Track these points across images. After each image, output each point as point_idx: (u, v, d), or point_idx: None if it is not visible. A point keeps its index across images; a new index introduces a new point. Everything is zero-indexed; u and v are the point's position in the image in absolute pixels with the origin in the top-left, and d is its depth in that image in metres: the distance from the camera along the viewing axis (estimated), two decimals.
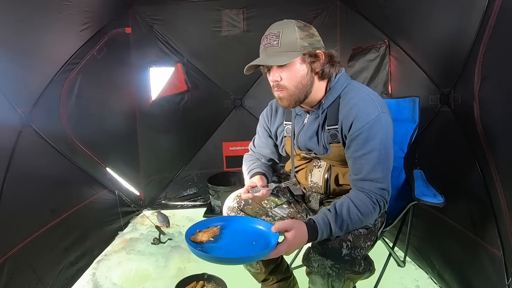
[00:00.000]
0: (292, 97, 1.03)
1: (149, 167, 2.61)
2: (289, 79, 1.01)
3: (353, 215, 0.94)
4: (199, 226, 1.02)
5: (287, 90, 1.02)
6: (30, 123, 1.51)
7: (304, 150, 1.17)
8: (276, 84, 1.03)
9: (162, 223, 2.17)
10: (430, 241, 1.65)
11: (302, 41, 0.99)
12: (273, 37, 0.99)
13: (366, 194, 0.98)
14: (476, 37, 1.17)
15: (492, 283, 1.20)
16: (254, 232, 1.01)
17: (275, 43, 0.98)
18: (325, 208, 0.97)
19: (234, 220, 1.10)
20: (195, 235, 0.97)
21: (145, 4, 2.39)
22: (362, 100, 1.01)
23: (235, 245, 0.96)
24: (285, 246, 0.88)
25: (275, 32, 0.99)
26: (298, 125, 1.16)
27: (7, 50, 1.33)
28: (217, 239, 0.98)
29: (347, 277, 0.95)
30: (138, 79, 2.49)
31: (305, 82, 1.03)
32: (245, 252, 0.92)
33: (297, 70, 1.01)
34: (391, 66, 1.94)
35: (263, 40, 1.02)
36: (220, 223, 1.05)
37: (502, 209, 1.10)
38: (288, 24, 1.00)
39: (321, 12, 2.35)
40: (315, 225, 0.92)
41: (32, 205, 1.45)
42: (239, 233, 1.02)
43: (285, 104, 1.06)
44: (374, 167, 0.98)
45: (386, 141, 1.00)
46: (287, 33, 0.98)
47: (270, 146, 1.29)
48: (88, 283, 1.68)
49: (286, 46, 0.98)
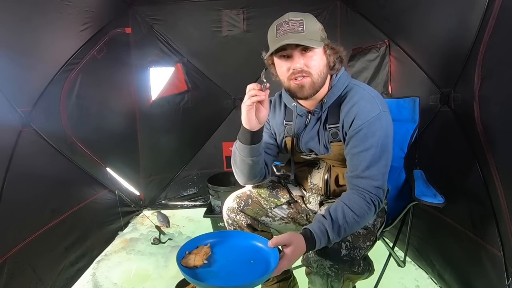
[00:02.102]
0: (315, 84, 1.00)
1: (149, 167, 2.61)
2: (313, 65, 0.98)
3: (349, 219, 0.93)
4: (187, 247, 0.93)
5: (311, 76, 0.99)
6: (30, 123, 1.51)
7: (305, 151, 1.16)
8: (300, 70, 0.98)
9: (162, 223, 2.17)
10: (430, 241, 1.65)
11: (322, 32, 1.00)
12: (296, 23, 0.96)
13: (359, 193, 0.97)
14: (476, 37, 1.17)
15: (492, 283, 1.20)
16: (249, 249, 0.95)
17: (300, 29, 0.95)
18: (320, 215, 0.95)
19: (224, 236, 1.02)
20: (186, 259, 0.89)
21: (145, 4, 2.38)
22: (363, 98, 1.01)
23: (232, 267, 0.89)
24: (286, 262, 0.85)
25: (298, 19, 0.96)
26: (300, 126, 1.14)
27: (7, 50, 1.34)
28: (212, 261, 0.90)
29: (346, 277, 0.95)
30: (138, 79, 2.49)
31: (325, 73, 1.02)
32: (248, 276, 0.84)
33: (320, 58, 0.99)
34: (391, 66, 1.94)
35: (280, 26, 0.97)
36: (209, 240, 0.97)
37: (502, 209, 1.10)
38: (307, 14, 1.00)
39: (321, 12, 2.35)
40: (312, 235, 0.90)
41: (32, 205, 1.45)
42: (233, 251, 0.95)
43: (307, 93, 1.00)
44: (370, 164, 0.97)
45: (385, 139, 0.99)
46: (310, 22, 0.97)
47: (268, 133, 1.24)
48: (88, 283, 1.68)
49: (311, 34, 0.96)
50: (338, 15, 2.35)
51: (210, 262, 0.90)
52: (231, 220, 1.21)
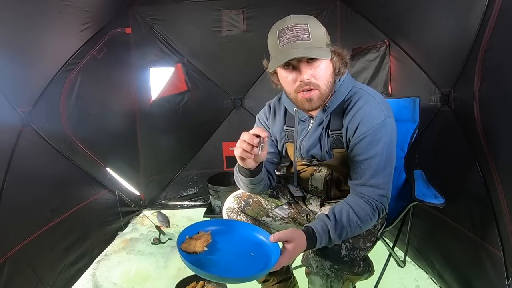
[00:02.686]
0: (323, 96, 0.97)
1: (149, 167, 2.61)
2: (321, 77, 0.94)
3: (352, 223, 0.92)
4: (188, 231, 0.92)
5: (319, 89, 0.95)
6: (30, 123, 1.51)
7: (306, 157, 1.14)
8: (307, 83, 0.93)
9: (162, 223, 2.17)
10: (430, 241, 1.65)
11: (326, 37, 0.95)
12: (300, 30, 0.89)
13: (365, 200, 0.96)
14: (476, 37, 1.17)
15: (492, 283, 1.20)
16: (250, 240, 0.94)
17: (306, 37, 0.89)
18: (324, 214, 0.94)
19: (226, 224, 1.02)
20: (186, 244, 0.88)
21: (145, 4, 2.38)
22: (368, 104, 0.98)
23: (232, 258, 0.88)
24: (286, 258, 0.85)
25: (302, 25, 0.90)
26: (302, 132, 1.11)
27: (7, 50, 1.34)
28: (212, 249, 0.89)
29: (346, 277, 0.94)
30: (138, 79, 2.49)
31: (332, 81, 0.98)
32: (247, 269, 0.84)
33: (327, 67, 0.95)
34: (391, 66, 1.94)
35: (283, 33, 0.90)
36: (211, 227, 0.96)
37: (502, 209, 1.10)
38: (311, 17, 0.93)
39: (321, 12, 2.35)
40: (314, 233, 0.89)
41: (32, 205, 1.45)
42: (234, 241, 0.95)
43: (315, 105, 0.98)
44: (375, 172, 0.96)
45: (390, 147, 0.97)
46: (315, 27, 0.91)
47: (269, 141, 1.21)
48: (88, 283, 1.68)
49: (317, 41, 0.90)
50: (338, 15, 2.35)
51: (210, 250, 0.89)
52: None
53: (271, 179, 1.19)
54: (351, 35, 2.26)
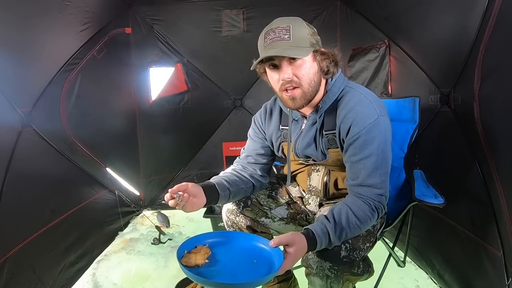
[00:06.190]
0: (306, 95, 0.98)
1: (149, 167, 2.60)
2: (302, 75, 0.95)
3: (352, 224, 0.92)
4: (186, 246, 0.92)
5: (301, 87, 0.96)
6: (30, 123, 1.51)
7: (302, 157, 1.14)
8: (289, 81, 0.95)
9: (162, 223, 2.17)
10: (430, 241, 1.65)
11: (311, 37, 0.96)
12: (282, 31, 0.92)
13: (364, 200, 0.96)
14: (476, 37, 1.17)
15: (492, 283, 1.20)
16: (250, 249, 0.95)
17: (286, 37, 0.92)
18: (323, 216, 0.95)
19: (223, 236, 1.02)
20: (186, 258, 0.88)
21: (145, 4, 2.39)
22: (360, 103, 0.98)
23: (236, 266, 0.89)
24: (289, 262, 0.85)
25: (284, 26, 0.93)
26: (295, 132, 1.12)
27: (7, 50, 1.34)
28: (213, 261, 0.90)
29: (346, 278, 0.94)
30: (138, 79, 2.49)
31: (316, 80, 0.99)
32: (253, 275, 0.84)
33: (310, 66, 0.96)
34: (391, 66, 1.93)
35: (267, 34, 0.95)
36: (207, 240, 0.96)
37: (502, 209, 1.10)
38: (295, 19, 0.96)
39: (321, 12, 2.35)
40: (314, 236, 0.89)
41: (32, 205, 1.45)
42: (234, 251, 0.95)
43: (298, 104, 0.99)
44: (372, 172, 0.96)
45: (385, 145, 0.98)
46: (297, 28, 0.94)
47: (263, 144, 1.23)
48: (88, 283, 1.68)
49: (298, 41, 0.93)
50: (338, 15, 2.35)
51: (211, 262, 0.89)
52: (231, 222, 1.21)
53: (255, 182, 1.19)
54: (351, 35, 2.26)
